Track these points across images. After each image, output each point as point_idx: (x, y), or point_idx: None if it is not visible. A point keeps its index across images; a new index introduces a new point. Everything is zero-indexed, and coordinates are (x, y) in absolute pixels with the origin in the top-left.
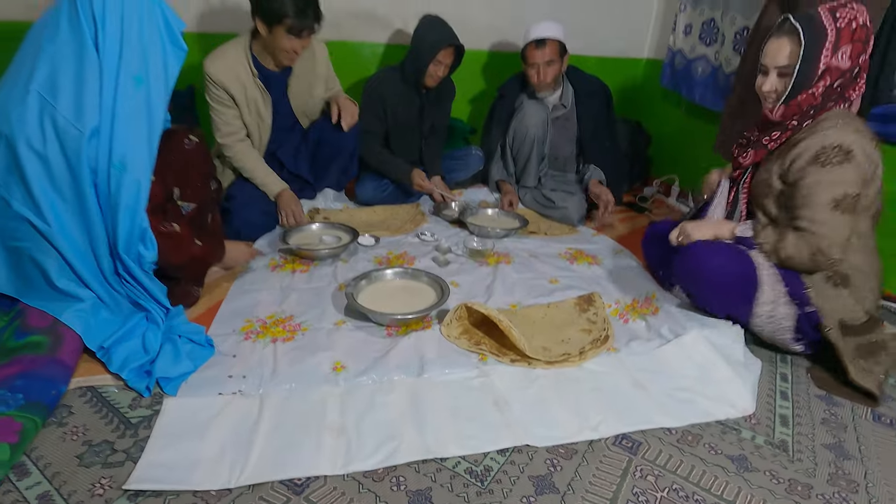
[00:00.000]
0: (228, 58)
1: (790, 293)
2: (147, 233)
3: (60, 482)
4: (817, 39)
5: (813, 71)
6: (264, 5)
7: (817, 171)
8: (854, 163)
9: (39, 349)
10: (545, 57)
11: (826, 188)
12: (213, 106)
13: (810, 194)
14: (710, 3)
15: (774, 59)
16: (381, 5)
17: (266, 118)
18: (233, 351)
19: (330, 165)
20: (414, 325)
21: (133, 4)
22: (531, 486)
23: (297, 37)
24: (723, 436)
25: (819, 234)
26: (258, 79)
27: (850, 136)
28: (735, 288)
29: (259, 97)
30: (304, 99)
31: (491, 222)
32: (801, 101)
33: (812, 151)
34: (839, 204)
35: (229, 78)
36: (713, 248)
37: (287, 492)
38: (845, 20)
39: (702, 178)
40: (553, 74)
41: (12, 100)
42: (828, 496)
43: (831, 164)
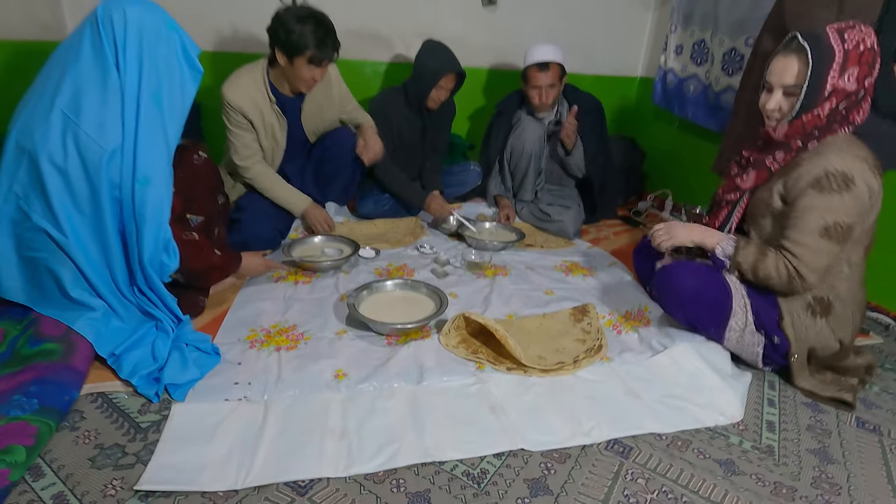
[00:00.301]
0: (246, 84)
1: (757, 323)
2: (170, 243)
3: (74, 483)
4: (825, 60)
5: (820, 92)
6: (284, 38)
7: (814, 195)
8: (853, 193)
9: (53, 356)
10: (548, 80)
11: (819, 214)
12: (232, 129)
13: (802, 217)
14: (699, 24)
15: (781, 78)
16: (383, 25)
17: (281, 141)
18: (238, 359)
19: (333, 180)
20: (413, 334)
21: (152, 30)
22: (526, 489)
23: (317, 66)
24: (711, 441)
25: (800, 257)
26: (275, 105)
27: (855, 164)
28: (707, 312)
29: (275, 122)
30: (317, 122)
31: (489, 235)
32: (805, 122)
33: (814, 175)
34: (828, 231)
35: (247, 104)
36: (691, 270)
37: (291, 493)
38: (853, 42)
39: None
40: (554, 96)
41: (36, 118)
42: (811, 498)
43: (830, 190)
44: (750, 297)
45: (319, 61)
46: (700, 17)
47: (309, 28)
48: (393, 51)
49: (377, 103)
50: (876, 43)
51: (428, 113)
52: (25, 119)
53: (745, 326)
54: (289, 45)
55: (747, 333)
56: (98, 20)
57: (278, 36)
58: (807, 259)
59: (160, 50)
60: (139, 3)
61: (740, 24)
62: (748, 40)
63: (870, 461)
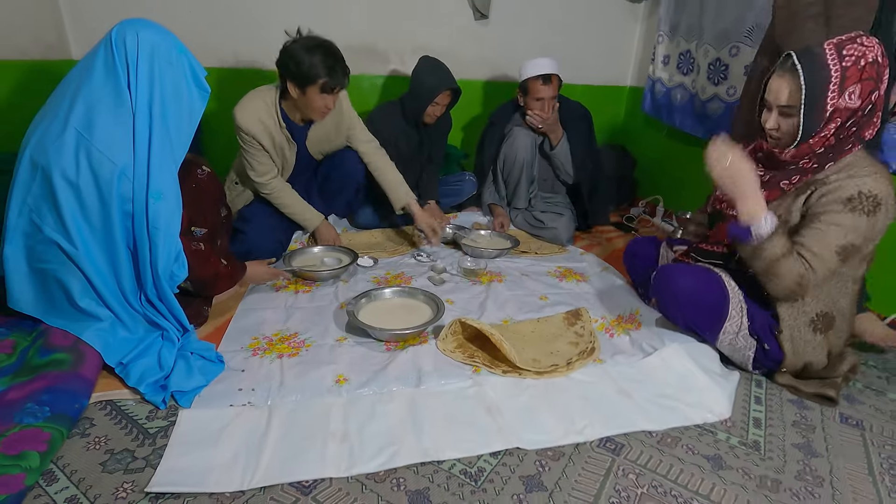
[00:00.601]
0: (258, 109)
1: (751, 328)
2: (181, 254)
3: (86, 487)
4: (820, 80)
5: (819, 114)
6: (295, 70)
7: (843, 213)
8: (875, 218)
9: (63, 366)
10: (552, 92)
11: (843, 232)
12: (246, 149)
13: (826, 231)
14: (685, 35)
15: (776, 98)
16: (380, 40)
17: (291, 160)
18: (241, 366)
19: (337, 196)
20: (411, 339)
21: (163, 53)
22: (521, 485)
23: (329, 94)
24: (700, 438)
25: (815, 268)
26: (285, 130)
27: (886, 189)
28: (704, 314)
29: (286, 145)
30: (323, 146)
31: (484, 243)
32: (812, 144)
33: (847, 193)
34: (844, 250)
35: (258, 129)
36: (689, 272)
37: (296, 493)
38: (852, 58)
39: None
40: (554, 110)
41: (50, 135)
42: (795, 490)
43: (860, 211)
44: (747, 303)
45: (331, 89)
46: (685, 28)
47: (318, 58)
48: (389, 65)
49: (375, 117)
50: (881, 54)
51: (424, 127)
52: (40, 136)
53: (739, 330)
54: (300, 75)
55: (740, 337)
56: (112, 42)
57: (289, 68)
58: (819, 271)
59: (170, 71)
60: (151, 28)
61: (724, 34)
62: (731, 50)
63: (852, 454)
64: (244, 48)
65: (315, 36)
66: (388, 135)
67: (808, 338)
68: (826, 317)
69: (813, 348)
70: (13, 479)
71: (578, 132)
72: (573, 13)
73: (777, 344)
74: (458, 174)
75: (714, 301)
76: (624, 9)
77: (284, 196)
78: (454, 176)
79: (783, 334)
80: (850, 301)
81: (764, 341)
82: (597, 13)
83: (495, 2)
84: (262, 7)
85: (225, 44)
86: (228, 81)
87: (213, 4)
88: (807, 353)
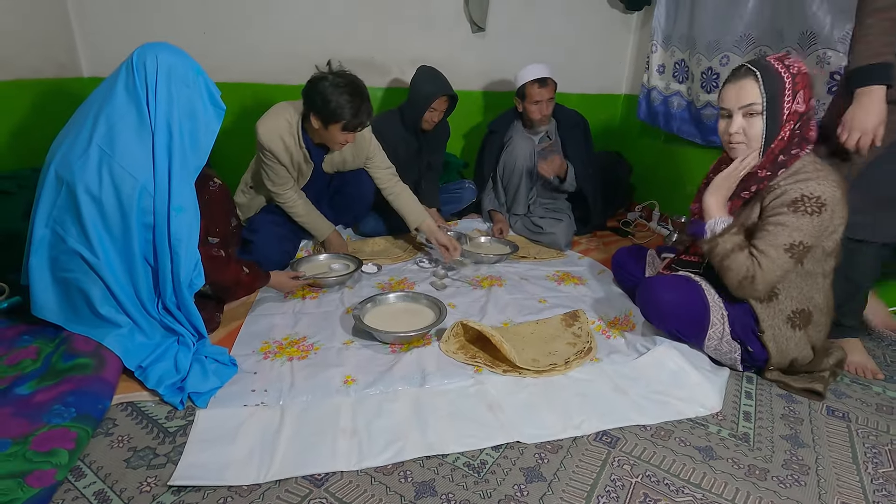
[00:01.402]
0: (280, 127)
1: (733, 333)
2: (199, 263)
3: (112, 481)
4: (773, 78)
5: (780, 112)
6: (321, 106)
7: (789, 214)
8: (820, 218)
9: (86, 370)
10: (549, 94)
11: (787, 232)
12: (266, 162)
13: (773, 231)
14: (678, 45)
15: (738, 101)
16: (378, 53)
17: (306, 175)
18: (254, 369)
19: (347, 212)
20: (415, 342)
21: (180, 75)
22: (522, 476)
23: (351, 132)
24: (692, 430)
25: (762, 265)
26: (304, 149)
27: (830, 189)
28: (687, 323)
29: (303, 163)
30: (338, 167)
31: (484, 249)
32: (774, 148)
33: (792, 196)
34: (792, 248)
35: (279, 147)
36: (671, 284)
37: (309, 485)
38: (795, 68)
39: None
40: (551, 108)
41: (75, 152)
42: (781, 478)
43: (803, 212)
44: (727, 309)
45: (354, 128)
46: (678, 38)
47: (345, 98)
48: (388, 76)
49: (374, 124)
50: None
51: (423, 134)
52: (65, 152)
53: (723, 336)
54: (325, 112)
55: (724, 342)
56: (133, 64)
57: (315, 103)
58: (767, 268)
59: (187, 92)
60: (170, 51)
61: (715, 44)
62: (722, 59)
63: (837, 444)
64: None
65: (344, 73)
66: (387, 141)
67: (789, 334)
68: (802, 313)
69: (795, 344)
70: (45, 475)
71: (575, 140)
72: (568, 24)
73: (759, 344)
74: (458, 182)
75: (696, 312)
76: (617, 19)
77: (298, 206)
78: (454, 184)
79: (765, 334)
80: (824, 296)
81: (747, 344)
82: (591, 24)
83: (492, 15)
84: (266, 23)
85: (231, 60)
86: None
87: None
88: (790, 349)
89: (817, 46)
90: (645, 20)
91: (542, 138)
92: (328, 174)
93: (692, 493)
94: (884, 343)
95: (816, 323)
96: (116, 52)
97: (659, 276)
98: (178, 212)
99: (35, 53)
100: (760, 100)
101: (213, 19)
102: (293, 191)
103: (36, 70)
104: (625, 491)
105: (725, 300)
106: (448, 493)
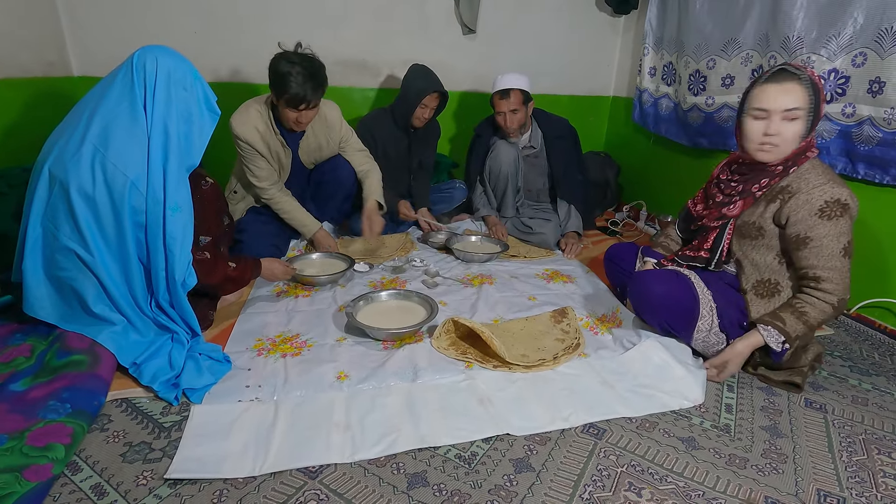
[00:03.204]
0: (253, 117)
1: (721, 325)
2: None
3: (109, 475)
4: (817, 88)
5: (817, 118)
6: (272, 80)
7: (825, 224)
8: (849, 214)
9: (80, 366)
10: (510, 106)
11: (836, 239)
12: (245, 157)
13: (825, 244)
14: (667, 48)
15: (781, 103)
16: (369, 55)
17: (287, 167)
18: (248, 365)
19: (329, 202)
20: (407, 338)
21: (179, 78)
22: (511, 467)
23: (294, 109)
24: (676, 422)
25: (835, 280)
26: (279, 135)
27: (843, 190)
28: (677, 315)
29: (281, 150)
30: (314, 156)
31: (475, 248)
32: (798, 150)
33: (817, 205)
34: (846, 251)
35: (253, 136)
36: (661, 278)
37: (304, 477)
38: (815, 74)
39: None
40: (518, 120)
41: (68, 150)
42: (760, 466)
43: (836, 217)
44: (716, 301)
45: (297, 104)
46: (667, 41)
47: (292, 73)
48: (379, 78)
49: (366, 121)
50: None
51: (413, 131)
52: (59, 151)
53: (711, 328)
54: (275, 85)
55: (712, 335)
56: (133, 66)
57: (270, 76)
58: (839, 281)
59: (184, 96)
60: (170, 55)
61: (704, 46)
62: (709, 63)
63: (814, 434)
64: (240, 64)
65: (301, 52)
66: (378, 137)
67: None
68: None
69: None
70: (42, 469)
71: (561, 150)
72: (557, 27)
73: None
74: (449, 182)
75: (686, 304)
76: (605, 22)
77: (284, 203)
78: (445, 184)
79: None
80: None
81: (732, 336)
82: (580, 27)
83: (482, 18)
84: (259, 25)
85: (222, 61)
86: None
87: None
88: None
89: (803, 51)
90: (630, 23)
91: (525, 146)
92: (308, 169)
93: (675, 481)
94: (860, 337)
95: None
96: (106, 51)
97: (649, 270)
98: (174, 210)
99: (25, 52)
100: (806, 105)
101: (204, 20)
102: (277, 187)
103: (25, 69)
104: (611, 480)
105: (715, 293)
106: (439, 484)
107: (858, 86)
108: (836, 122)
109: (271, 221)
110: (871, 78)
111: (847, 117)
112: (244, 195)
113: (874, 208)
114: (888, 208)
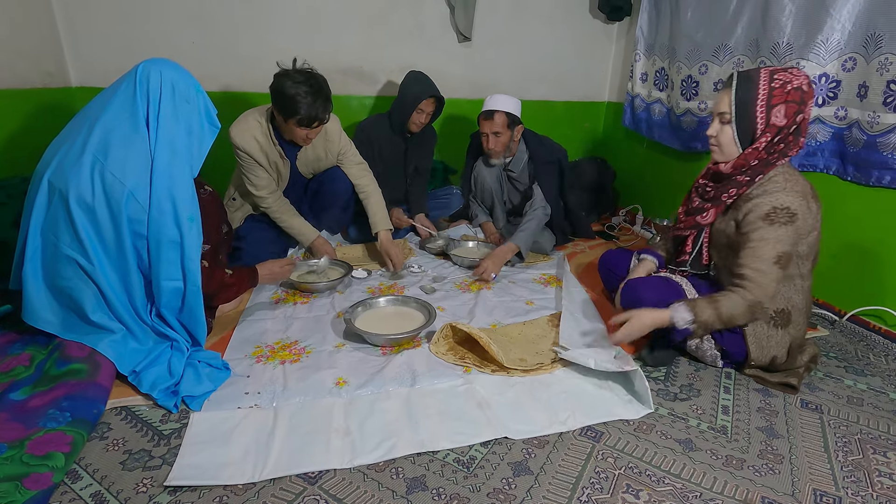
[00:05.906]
0: (252, 128)
1: (712, 334)
2: None
3: (109, 483)
4: (749, 89)
5: (750, 123)
6: (279, 100)
7: (766, 228)
8: (795, 225)
9: (80, 375)
10: (493, 128)
11: (772, 244)
12: (244, 166)
13: (759, 247)
14: (659, 53)
15: (717, 107)
16: (366, 63)
17: (285, 176)
18: (247, 372)
19: (326, 212)
20: (406, 344)
21: (182, 91)
22: (510, 470)
23: (308, 128)
24: (673, 424)
25: (757, 282)
26: (278, 146)
27: (797, 200)
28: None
29: (279, 161)
30: (312, 167)
31: (472, 253)
32: (748, 156)
33: (764, 209)
34: (780, 259)
35: (253, 146)
36: (653, 285)
37: (303, 483)
38: (779, 82)
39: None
40: (501, 143)
41: (69, 160)
42: (757, 467)
43: (779, 223)
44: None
45: (309, 123)
46: (659, 47)
47: (300, 93)
48: (376, 85)
49: (363, 126)
50: (807, 84)
51: (410, 136)
52: (59, 162)
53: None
54: (283, 107)
55: (705, 341)
56: (137, 78)
57: (275, 99)
58: (764, 284)
59: (187, 108)
60: (174, 68)
61: (696, 52)
62: (701, 68)
63: (810, 435)
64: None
65: (305, 70)
66: (374, 140)
67: (771, 333)
68: (783, 313)
69: (776, 342)
70: (42, 477)
71: (547, 176)
72: (551, 34)
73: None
74: (446, 188)
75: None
76: (599, 29)
77: (282, 212)
78: (442, 190)
79: (748, 330)
80: (803, 296)
81: (721, 343)
82: (574, 34)
83: (477, 25)
84: (256, 35)
85: (220, 70)
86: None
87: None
88: (770, 347)
89: (792, 56)
90: (624, 29)
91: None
92: (305, 178)
93: (672, 482)
94: (855, 338)
95: (795, 322)
96: (105, 62)
97: (641, 278)
98: (191, 221)
99: (23, 63)
100: (730, 109)
101: (202, 30)
102: (275, 196)
103: (24, 79)
104: (608, 482)
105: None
106: (439, 488)
107: (849, 90)
108: (829, 125)
109: (270, 229)
110: (860, 82)
111: (840, 120)
112: (242, 203)
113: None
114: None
